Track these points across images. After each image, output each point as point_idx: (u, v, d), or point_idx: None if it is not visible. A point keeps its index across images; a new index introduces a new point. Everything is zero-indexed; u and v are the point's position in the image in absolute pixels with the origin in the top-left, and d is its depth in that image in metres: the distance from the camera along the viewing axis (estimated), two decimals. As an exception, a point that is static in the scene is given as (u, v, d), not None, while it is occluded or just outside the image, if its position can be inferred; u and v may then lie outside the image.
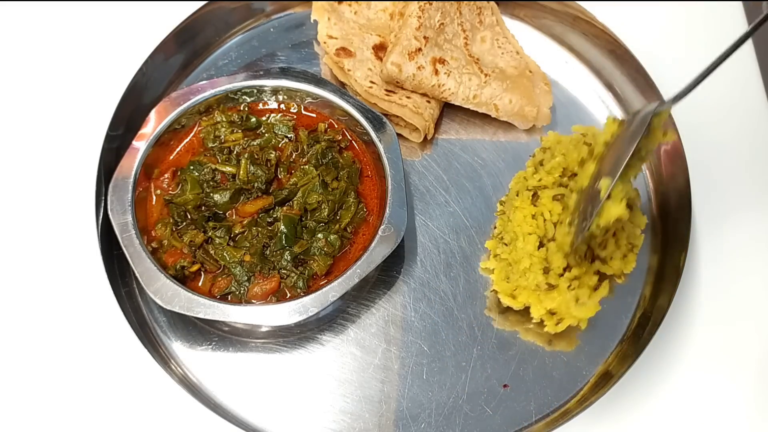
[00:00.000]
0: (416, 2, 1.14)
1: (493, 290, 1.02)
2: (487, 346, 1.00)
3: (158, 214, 1.02)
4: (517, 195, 1.04)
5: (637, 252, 1.02)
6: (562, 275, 0.96)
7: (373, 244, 0.96)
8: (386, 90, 1.12)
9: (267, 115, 1.09)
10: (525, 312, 0.99)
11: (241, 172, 1.02)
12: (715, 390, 1.01)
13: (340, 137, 1.07)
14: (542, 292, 0.96)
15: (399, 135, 1.12)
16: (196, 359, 0.98)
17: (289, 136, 1.07)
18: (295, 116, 1.10)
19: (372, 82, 1.12)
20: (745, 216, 1.11)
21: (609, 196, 0.86)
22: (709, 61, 0.80)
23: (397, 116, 1.12)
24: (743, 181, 1.14)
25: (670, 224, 1.07)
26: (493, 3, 1.22)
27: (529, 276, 0.96)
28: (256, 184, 1.02)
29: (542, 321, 0.98)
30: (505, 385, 0.97)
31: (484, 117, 1.16)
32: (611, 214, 0.86)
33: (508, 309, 1.01)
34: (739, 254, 1.09)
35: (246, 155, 1.03)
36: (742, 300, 1.06)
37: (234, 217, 1.02)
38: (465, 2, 1.19)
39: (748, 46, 1.23)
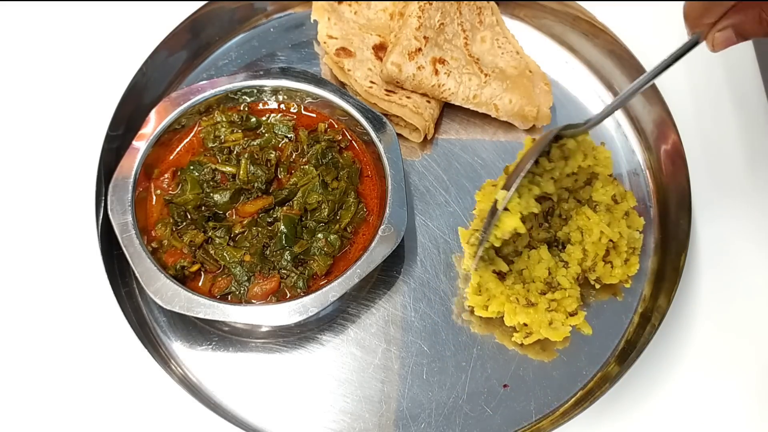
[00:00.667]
0: (416, 2, 1.14)
1: (468, 305, 1.01)
2: (487, 346, 1.00)
3: (158, 214, 1.02)
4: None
5: (639, 253, 1.02)
6: (544, 293, 0.97)
7: (373, 244, 0.96)
8: (386, 90, 1.12)
9: (267, 115, 1.09)
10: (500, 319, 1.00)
11: (241, 172, 1.02)
12: (715, 390, 1.01)
13: (340, 137, 1.07)
14: (519, 306, 0.96)
15: (399, 135, 1.12)
16: (196, 359, 0.98)
17: (289, 136, 1.07)
18: (295, 116, 1.10)
19: (372, 82, 1.12)
20: (745, 216, 1.11)
21: (507, 209, 0.90)
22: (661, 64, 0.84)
23: (397, 116, 1.12)
24: (743, 181, 1.14)
25: (670, 224, 1.07)
26: (493, 3, 1.22)
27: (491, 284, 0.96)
28: (256, 184, 1.02)
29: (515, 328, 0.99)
30: (505, 385, 0.97)
31: (484, 117, 1.16)
32: (507, 226, 0.90)
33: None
34: (740, 254, 1.09)
35: (246, 155, 1.03)
36: (743, 300, 1.06)
37: (234, 217, 1.02)
38: (465, 2, 1.19)
39: (749, 46, 1.23)
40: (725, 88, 1.20)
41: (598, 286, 1.02)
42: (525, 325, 0.98)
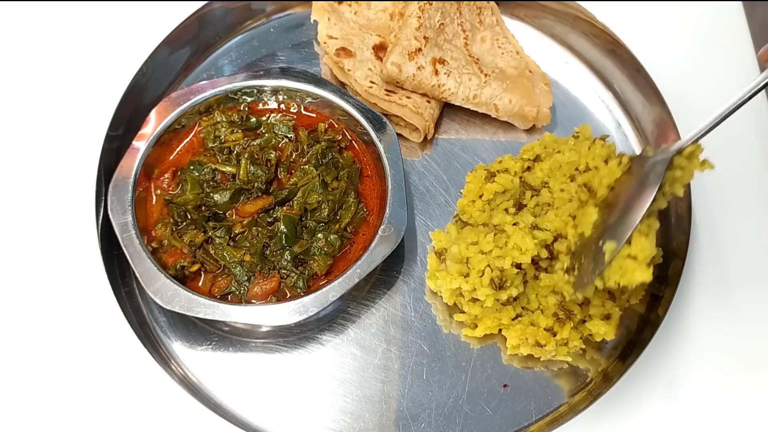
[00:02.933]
0: (416, 2, 1.14)
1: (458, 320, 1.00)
2: (487, 346, 1.00)
3: (158, 214, 1.02)
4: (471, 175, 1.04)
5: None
6: (549, 329, 0.95)
7: (373, 244, 0.96)
8: (386, 90, 1.12)
9: (267, 115, 1.09)
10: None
11: (241, 172, 1.02)
12: (715, 389, 1.01)
13: (340, 137, 1.08)
14: (527, 345, 0.95)
15: (399, 135, 1.12)
16: (196, 359, 0.98)
17: (289, 136, 1.07)
18: (295, 116, 1.10)
19: (372, 82, 1.12)
20: (745, 215, 1.11)
21: (636, 258, 0.81)
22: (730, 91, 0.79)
23: (397, 116, 1.12)
24: (743, 180, 1.14)
25: (671, 224, 1.07)
26: (493, 3, 1.22)
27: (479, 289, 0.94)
28: (256, 184, 1.02)
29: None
30: (505, 385, 0.97)
31: (484, 117, 1.16)
32: (635, 279, 0.81)
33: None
34: (740, 254, 1.09)
35: (246, 155, 1.03)
36: (743, 299, 1.06)
37: (234, 217, 1.02)
38: (465, 2, 1.19)
39: (748, 46, 1.23)
40: (725, 89, 1.20)
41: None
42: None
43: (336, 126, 1.09)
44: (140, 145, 1.01)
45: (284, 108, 1.10)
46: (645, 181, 0.82)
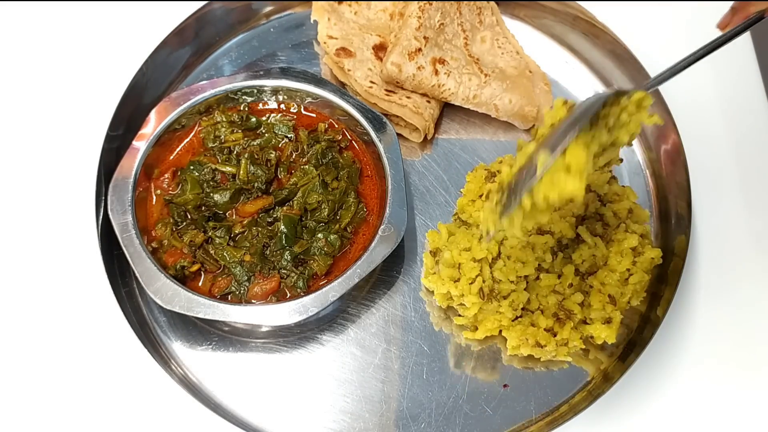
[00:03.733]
0: (416, 2, 1.14)
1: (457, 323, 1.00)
2: (487, 346, 1.00)
3: (158, 214, 1.02)
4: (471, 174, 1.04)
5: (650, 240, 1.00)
6: (549, 330, 0.95)
7: (373, 244, 0.96)
8: (386, 90, 1.12)
9: (267, 115, 1.09)
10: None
11: (241, 172, 1.02)
12: (715, 389, 1.01)
13: (340, 137, 1.08)
14: (527, 345, 0.95)
15: (399, 135, 1.12)
16: (196, 359, 0.98)
17: (289, 136, 1.07)
18: (295, 116, 1.10)
19: (372, 82, 1.12)
20: (745, 215, 1.11)
21: (569, 169, 0.73)
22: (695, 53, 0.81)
23: (397, 116, 1.12)
24: (743, 180, 1.14)
25: (670, 224, 1.07)
26: (493, 3, 1.22)
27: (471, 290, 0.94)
28: (256, 184, 1.02)
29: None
30: (505, 385, 0.97)
31: (484, 117, 1.16)
32: (566, 189, 0.72)
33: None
34: (740, 254, 1.09)
35: (246, 155, 1.03)
36: (743, 299, 1.06)
37: (234, 217, 1.02)
38: (465, 2, 1.19)
39: (749, 45, 1.23)
40: (725, 88, 1.20)
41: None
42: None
43: (336, 126, 1.09)
44: (140, 145, 1.01)
45: (284, 108, 1.10)
46: (584, 107, 0.77)
